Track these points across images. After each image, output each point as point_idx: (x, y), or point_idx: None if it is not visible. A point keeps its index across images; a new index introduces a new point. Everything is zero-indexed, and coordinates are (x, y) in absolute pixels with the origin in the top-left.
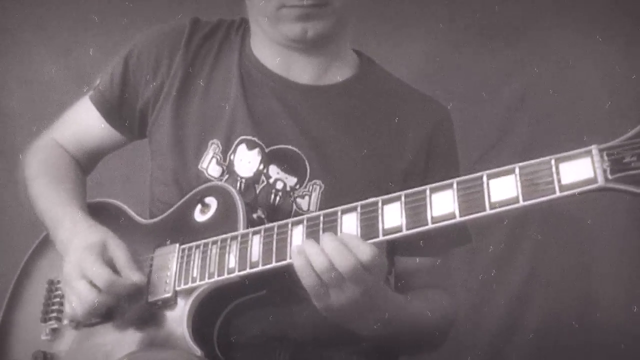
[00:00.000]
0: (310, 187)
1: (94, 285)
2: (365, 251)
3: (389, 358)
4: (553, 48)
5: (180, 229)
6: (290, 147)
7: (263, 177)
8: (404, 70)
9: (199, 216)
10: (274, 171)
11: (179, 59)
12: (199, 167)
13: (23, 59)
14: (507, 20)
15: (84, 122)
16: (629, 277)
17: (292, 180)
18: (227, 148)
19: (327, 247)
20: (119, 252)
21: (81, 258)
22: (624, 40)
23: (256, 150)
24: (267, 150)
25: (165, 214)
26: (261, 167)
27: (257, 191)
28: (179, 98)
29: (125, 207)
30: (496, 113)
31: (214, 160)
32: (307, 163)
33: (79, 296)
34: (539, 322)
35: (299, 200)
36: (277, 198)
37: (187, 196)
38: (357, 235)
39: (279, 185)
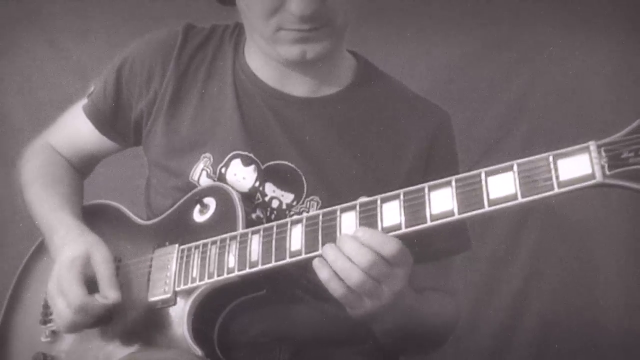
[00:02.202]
0: (308, 204)
1: (69, 305)
2: (388, 245)
3: (389, 358)
4: (553, 48)
5: (179, 230)
6: (286, 162)
7: (258, 195)
8: (404, 71)
9: (198, 217)
10: (269, 189)
11: (171, 70)
12: (190, 179)
13: (23, 59)
14: (507, 20)
15: (78, 130)
16: (629, 276)
17: (288, 197)
18: (218, 161)
19: (353, 256)
20: (100, 266)
21: (61, 274)
22: (624, 40)
23: (252, 167)
24: (263, 166)
25: (164, 215)
26: (257, 184)
27: (254, 204)
28: (171, 110)
29: (123, 208)
30: (496, 113)
31: (204, 172)
32: (304, 179)
33: (57, 313)
34: (539, 322)
35: (294, 216)
36: (272, 216)
37: (186, 197)
38: (379, 231)
39: (275, 204)
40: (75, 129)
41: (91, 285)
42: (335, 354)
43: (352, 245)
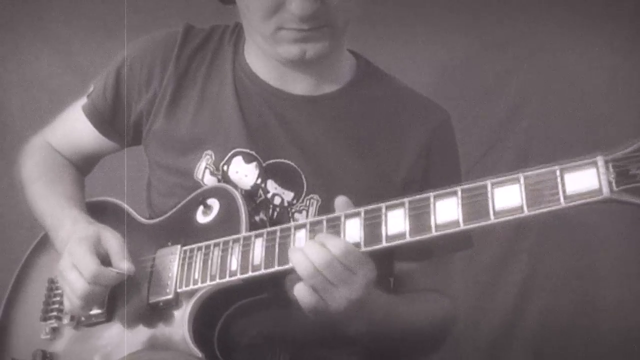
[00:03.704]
0: (308, 202)
1: (82, 276)
2: (335, 244)
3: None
4: (553, 48)
5: (182, 230)
6: (286, 161)
7: (261, 192)
8: (404, 71)
9: (201, 218)
10: (271, 186)
11: (171, 70)
12: (194, 177)
13: (22, 59)
14: (507, 20)
15: (77, 129)
16: (629, 278)
17: (289, 195)
18: (220, 159)
19: (307, 250)
20: (111, 241)
21: (73, 250)
22: (624, 41)
23: (254, 164)
24: (264, 164)
25: (167, 215)
26: (259, 181)
27: (257, 203)
28: (171, 110)
29: (126, 206)
30: (496, 114)
31: (207, 170)
32: (303, 177)
33: (70, 286)
34: (539, 322)
35: (297, 215)
36: (275, 213)
37: (189, 197)
38: (332, 234)
39: (277, 201)
40: (74, 128)
41: (105, 261)
42: (335, 356)
43: (309, 244)
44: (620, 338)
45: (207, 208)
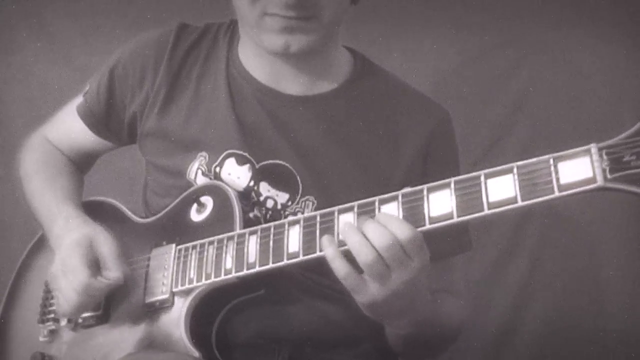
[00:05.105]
0: (303, 204)
1: (73, 286)
2: (404, 229)
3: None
4: (553, 48)
5: (177, 229)
6: (281, 162)
7: (253, 194)
8: (403, 71)
9: (195, 216)
10: (264, 189)
11: (164, 70)
12: (187, 177)
13: (22, 59)
14: (507, 20)
15: (73, 128)
16: (630, 276)
17: (283, 197)
18: (213, 160)
19: (370, 234)
20: (104, 247)
21: (66, 256)
22: (624, 40)
23: (247, 166)
24: (257, 166)
25: (161, 213)
26: (251, 183)
27: (251, 203)
28: (164, 110)
29: (120, 205)
30: (496, 113)
31: (200, 171)
32: (298, 179)
33: (62, 294)
34: (539, 323)
35: (291, 217)
36: (268, 216)
37: (183, 195)
38: (398, 216)
39: (269, 204)
40: (71, 126)
41: (96, 267)
42: (333, 356)
43: (371, 225)
44: (621, 338)
45: (201, 206)
